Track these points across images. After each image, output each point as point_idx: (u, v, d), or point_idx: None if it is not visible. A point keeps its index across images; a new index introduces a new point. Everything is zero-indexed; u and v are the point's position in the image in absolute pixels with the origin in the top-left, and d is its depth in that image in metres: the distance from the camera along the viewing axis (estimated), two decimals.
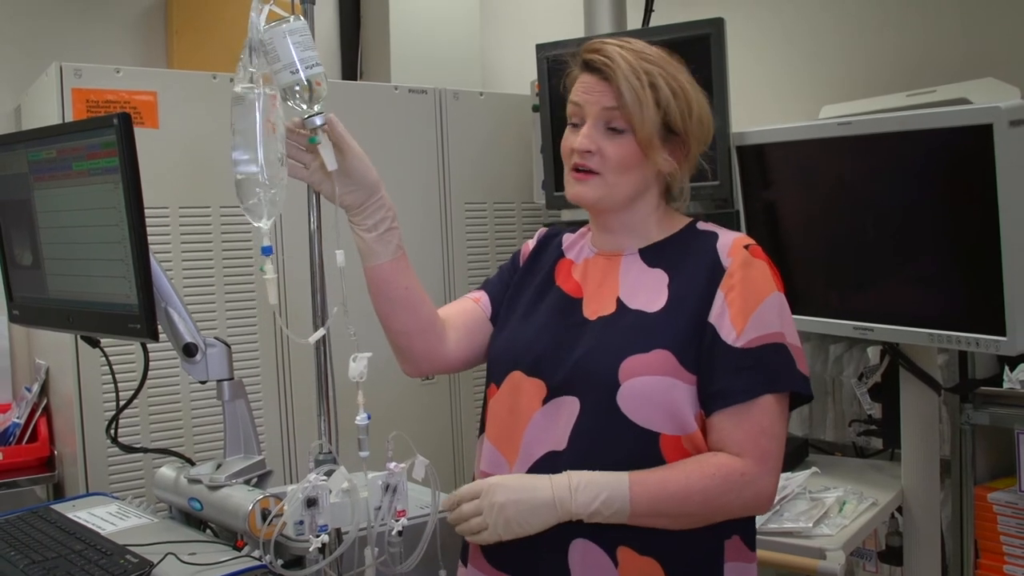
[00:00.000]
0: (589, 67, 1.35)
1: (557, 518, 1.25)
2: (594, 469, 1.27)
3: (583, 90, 1.35)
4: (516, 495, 1.25)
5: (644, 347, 1.28)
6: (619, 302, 1.35)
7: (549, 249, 1.52)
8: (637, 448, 1.28)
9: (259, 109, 1.39)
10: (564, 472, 1.27)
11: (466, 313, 1.51)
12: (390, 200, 1.40)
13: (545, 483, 1.26)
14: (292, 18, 1.31)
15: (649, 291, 1.34)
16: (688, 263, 1.35)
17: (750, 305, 1.29)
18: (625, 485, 1.24)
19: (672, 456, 1.28)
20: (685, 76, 1.36)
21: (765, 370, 1.28)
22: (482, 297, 1.53)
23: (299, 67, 1.29)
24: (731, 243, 1.34)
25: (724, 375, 1.27)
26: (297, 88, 1.30)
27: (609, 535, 1.27)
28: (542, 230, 1.57)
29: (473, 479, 1.43)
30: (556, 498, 1.24)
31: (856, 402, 2.49)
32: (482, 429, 1.46)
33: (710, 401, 1.29)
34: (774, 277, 1.34)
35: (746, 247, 1.34)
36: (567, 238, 1.52)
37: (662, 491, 1.24)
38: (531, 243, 1.56)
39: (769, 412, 1.28)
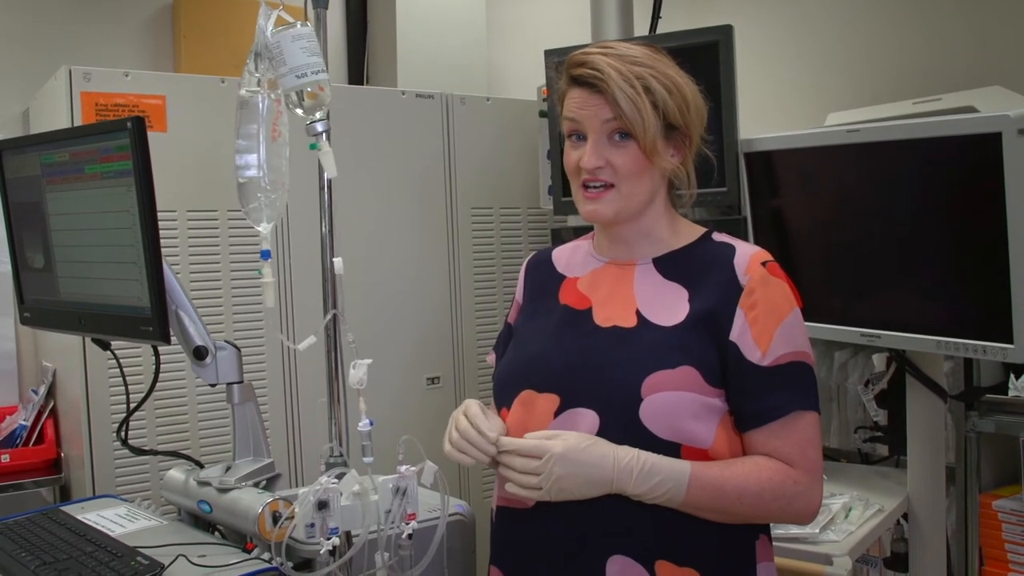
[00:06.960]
0: (578, 82, 1.32)
1: (609, 492, 1.24)
2: None
3: (577, 105, 1.32)
4: (577, 469, 1.23)
5: (670, 363, 1.27)
6: (639, 315, 1.33)
7: (542, 273, 1.49)
8: None
9: (263, 113, 1.41)
10: (631, 449, 1.24)
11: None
12: None
13: (609, 460, 1.23)
14: (299, 24, 1.32)
15: (669, 306, 1.32)
16: (705, 278, 1.33)
17: (772, 323, 1.28)
18: (685, 477, 1.23)
19: None
20: (674, 69, 1.34)
21: (797, 387, 1.29)
22: (492, 357, 1.54)
23: (305, 71, 1.30)
24: (748, 259, 1.32)
25: (756, 395, 1.27)
26: (308, 90, 1.30)
27: (646, 548, 1.26)
28: (527, 260, 1.55)
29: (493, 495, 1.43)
30: (616, 479, 1.23)
31: (861, 408, 2.49)
32: None
33: (747, 420, 1.29)
34: (793, 295, 1.33)
35: (764, 264, 1.32)
36: (558, 256, 1.49)
37: (718, 489, 1.24)
38: (521, 279, 1.53)
39: (812, 426, 1.29)
